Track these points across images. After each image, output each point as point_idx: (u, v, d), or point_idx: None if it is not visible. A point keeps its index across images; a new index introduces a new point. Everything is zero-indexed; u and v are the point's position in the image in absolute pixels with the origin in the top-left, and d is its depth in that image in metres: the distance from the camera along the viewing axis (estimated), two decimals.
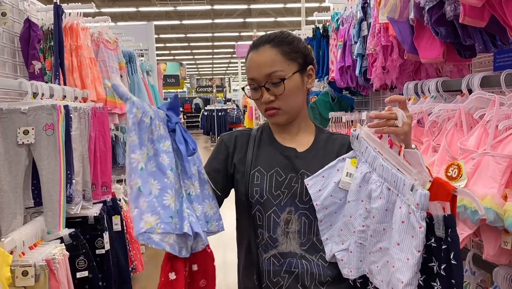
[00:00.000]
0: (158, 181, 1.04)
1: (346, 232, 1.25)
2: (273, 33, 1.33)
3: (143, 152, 1.01)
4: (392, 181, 1.11)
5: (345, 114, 3.26)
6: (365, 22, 2.57)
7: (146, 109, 1.03)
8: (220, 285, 4.06)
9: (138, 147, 0.99)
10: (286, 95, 1.29)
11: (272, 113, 1.31)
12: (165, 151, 1.06)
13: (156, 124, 1.05)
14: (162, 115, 1.10)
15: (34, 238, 2.03)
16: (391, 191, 1.11)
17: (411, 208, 1.05)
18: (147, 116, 1.02)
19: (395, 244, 1.08)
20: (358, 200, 1.22)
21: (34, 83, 2.25)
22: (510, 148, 1.33)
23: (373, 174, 1.18)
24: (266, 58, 1.28)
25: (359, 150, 1.25)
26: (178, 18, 17.77)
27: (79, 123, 2.48)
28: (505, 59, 1.79)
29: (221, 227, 1.27)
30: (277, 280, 1.30)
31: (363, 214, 1.20)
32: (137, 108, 1.00)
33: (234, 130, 1.45)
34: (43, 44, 2.82)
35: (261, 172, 1.32)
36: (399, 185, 1.09)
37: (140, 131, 1.00)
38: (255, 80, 1.30)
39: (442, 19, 1.57)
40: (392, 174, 1.11)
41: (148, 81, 5.19)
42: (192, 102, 22.10)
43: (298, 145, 1.36)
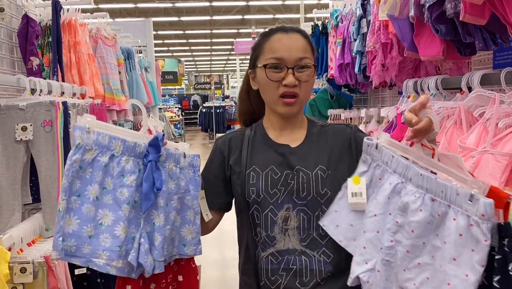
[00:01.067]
0: (113, 213, 1.14)
1: (371, 249, 1.14)
2: (296, 26, 1.37)
3: (93, 188, 1.12)
4: (438, 191, 1.00)
5: (344, 112, 3.26)
6: (364, 19, 2.56)
7: (112, 147, 1.13)
8: (219, 280, 4.07)
9: (89, 182, 1.12)
10: (309, 84, 1.31)
11: (291, 102, 1.29)
12: (128, 185, 1.15)
13: (121, 160, 1.14)
14: (141, 150, 1.17)
15: (33, 234, 2.02)
16: (436, 202, 1.00)
17: (473, 219, 0.93)
18: (105, 155, 1.13)
19: (450, 259, 0.96)
20: (385, 213, 1.11)
21: (32, 79, 2.23)
22: (510, 146, 1.33)
23: (407, 185, 1.07)
24: (299, 43, 1.30)
25: (381, 159, 1.15)
26: (177, 14, 17.72)
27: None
28: (504, 57, 1.79)
29: (199, 251, 1.33)
30: (275, 278, 1.30)
31: (392, 228, 1.09)
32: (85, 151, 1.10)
33: (228, 132, 1.46)
34: (41, 40, 2.80)
35: (256, 171, 1.32)
36: (450, 195, 0.98)
37: (93, 169, 1.12)
38: (282, 61, 1.28)
39: (442, 17, 1.56)
40: (437, 183, 1.01)
41: (147, 78, 5.18)
42: (190, 99, 22.08)
43: (291, 140, 1.36)
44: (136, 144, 1.17)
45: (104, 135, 1.13)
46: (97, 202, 1.13)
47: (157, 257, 1.21)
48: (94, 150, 1.11)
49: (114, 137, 1.14)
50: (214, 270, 4.33)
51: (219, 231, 1.47)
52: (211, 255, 4.55)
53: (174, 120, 12.36)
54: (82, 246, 1.12)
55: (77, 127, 1.10)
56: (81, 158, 1.10)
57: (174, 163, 1.26)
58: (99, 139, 1.12)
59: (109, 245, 1.12)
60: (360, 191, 1.17)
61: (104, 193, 1.14)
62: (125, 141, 1.16)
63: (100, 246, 1.12)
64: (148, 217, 1.21)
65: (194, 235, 1.31)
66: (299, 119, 1.39)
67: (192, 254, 1.33)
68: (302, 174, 1.29)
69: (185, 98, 22.28)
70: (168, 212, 1.24)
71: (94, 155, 1.12)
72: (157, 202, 1.21)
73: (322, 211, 1.28)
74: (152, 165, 1.17)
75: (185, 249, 1.31)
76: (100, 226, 1.13)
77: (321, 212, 1.28)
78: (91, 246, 1.12)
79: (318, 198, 1.28)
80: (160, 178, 1.18)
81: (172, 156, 1.25)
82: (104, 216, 1.13)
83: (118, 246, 1.13)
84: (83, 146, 1.10)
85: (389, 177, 1.12)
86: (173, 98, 21.08)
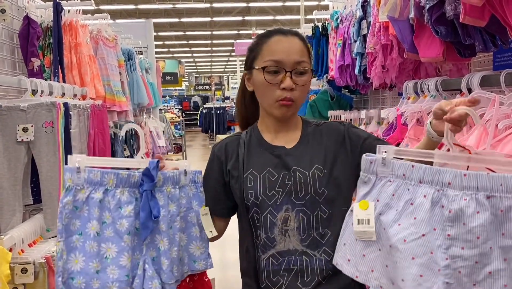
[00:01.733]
0: (116, 244, 1.17)
1: (429, 275, 0.96)
2: (292, 29, 1.37)
3: (92, 224, 1.15)
4: (496, 185, 0.89)
5: (344, 113, 3.27)
6: (364, 20, 2.57)
7: (104, 182, 1.16)
8: (220, 282, 4.07)
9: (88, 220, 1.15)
10: (305, 88, 1.32)
11: (288, 104, 1.30)
12: (126, 216, 1.18)
13: (115, 193, 1.17)
14: (135, 179, 1.20)
15: (33, 235, 2.03)
16: (495, 198, 0.89)
17: None
18: (99, 191, 1.15)
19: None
20: (431, 230, 0.96)
21: (33, 80, 2.24)
22: (510, 147, 1.33)
23: (447, 191, 0.94)
24: (297, 47, 1.31)
25: (393, 174, 1.01)
26: (177, 16, 17.74)
27: (78, 120, 2.47)
28: (504, 59, 1.80)
29: (209, 264, 1.36)
30: (277, 280, 1.30)
31: (444, 244, 0.93)
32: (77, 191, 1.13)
33: (223, 139, 1.47)
34: (42, 41, 2.81)
35: (253, 174, 1.32)
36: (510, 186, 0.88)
37: (89, 206, 1.15)
38: (281, 64, 1.28)
39: (442, 18, 1.57)
40: (491, 178, 0.90)
41: (147, 79, 5.18)
42: (191, 100, 22.10)
43: (287, 142, 1.36)
44: (130, 175, 1.20)
45: (96, 172, 1.16)
46: (99, 237, 1.16)
47: (167, 280, 1.23)
48: (86, 188, 1.14)
49: (106, 172, 1.17)
50: (215, 271, 4.33)
51: None
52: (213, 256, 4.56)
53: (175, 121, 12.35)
54: (91, 282, 1.15)
55: (66, 169, 1.13)
56: (73, 198, 1.13)
57: (173, 185, 1.28)
58: (91, 176, 1.15)
59: (117, 276, 1.16)
60: (368, 217, 1.02)
61: (104, 227, 1.17)
62: (118, 174, 1.18)
63: (109, 278, 1.16)
64: (152, 243, 1.23)
65: (203, 250, 1.34)
66: (294, 120, 1.39)
67: (203, 269, 1.35)
68: (299, 174, 1.29)
69: (185, 99, 22.29)
70: (173, 234, 1.26)
71: (87, 193, 1.15)
72: (159, 227, 1.23)
73: (321, 210, 1.29)
74: (147, 194, 1.19)
75: (195, 265, 1.34)
76: (105, 259, 1.17)
77: (320, 211, 1.29)
78: (100, 281, 1.15)
79: (316, 197, 1.28)
80: (157, 205, 1.20)
81: (169, 178, 1.27)
82: (108, 249, 1.17)
83: (126, 275, 1.17)
84: (73, 188, 1.13)
85: (416, 189, 0.98)
86: (173, 99, 21.10)
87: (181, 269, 1.30)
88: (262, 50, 1.32)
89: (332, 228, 1.30)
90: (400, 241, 0.98)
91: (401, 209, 0.99)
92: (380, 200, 1.02)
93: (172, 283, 1.25)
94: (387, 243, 1.01)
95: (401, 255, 0.98)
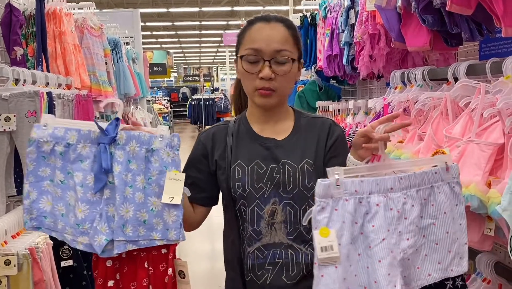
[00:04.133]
0: (74, 194, 1.29)
1: (394, 271, 1.08)
2: (280, 15, 1.32)
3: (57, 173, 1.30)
4: (421, 180, 1.13)
5: (332, 104, 3.27)
6: (352, 10, 2.56)
7: (67, 137, 1.28)
8: (208, 273, 4.07)
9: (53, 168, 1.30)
10: (286, 78, 1.27)
11: (266, 93, 1.26)
12: (83, 169, 1.28)
13: (76, 148, 1.29)
14: (95, 135, 1.29)
15: (17, 226, 1.99)
16: (421, 190, 1.13)
17: (453, 182, 1.15)
18: (61, 144, 1.28)
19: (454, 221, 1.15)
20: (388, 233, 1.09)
21: (15, 69, 2.19)
22: (495, 135, 1.34)
23: (392, 195, 1.10)
24: (279, 34, 1.26)
25: (347, 192, 1.08)
26: (165, 5, 17.55)
27: (62, 110, 2.43)
28: (490, 48, 1.80)
29: (182, 236, 1.31)
30: (262, 273, 1.29)
31: (397, 241, 1.09)
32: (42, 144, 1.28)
33: (211, 126, 1.43)
34: (25, 29, 2.75)
35: (241, 166, 1.30)
36: (429, 177, 1.14)
37: (55, 157, 1.29)
38: (259, 52, 1.24)
39: (429, 7, 1.56)
40: (417, 176, 1.13)
41: (134, 69, 5.13)
42: (179, 92, 21.94)
43: (277, 133, 1.34)
44: (90, 131, 1.29)
45: (60, 128, 1.29)
46: (63, 185, 1.30)
47: (115, 237, 1.27)
48: (50, 141, 1.28)
49: (69, 129, 1.29)
50: (203, 262, 4.33)
51: (208, 223, 1.45)
52: (200, 247, 4.55)
53: (163, 112, 12.30)
54: (57, 222, 1.30)
55: (34, 126, 1.29)
56: (38, 150, 1.28)
57: (138, 144, 1.28)
58: (55, 132, 1.28)
59: (72, 223, 1.29)
60: (330, 244, 1.04)
61: (68, 177, 1.30)
62: (80, 130, 1.29)
63: (68, 223, 1.29)
64: (112, 199, 1.29)
65: (174, 218, 1.29)
66: (283, 110, 1.36)
67: (174, 239, 1.29)
68: (288, 167, 1.28)
69: (174, 91, 22.13)
70: (132, 193, 1.28)
71: (51, 146, 1.28)
72: (114, 184, 1.27)
73: (309, 204, 1.27)
74: (100, 147, 1.27)
75: (167, 233, 1.30)
76: (69, 205, 1.30)
77: (307, 206, 1.27)
78: (63, 222, 1.30)
79: (305, 192, 1.27)
80: (107, 159, 1.27)
81: (134, 137, 1.29)
82: (71, 197, 1.29)
83: (77, 224, 1.27)
84: (36, 140, 1.28)
85: (369, 200, 1.08)
86: (162, 90, 20.95)
87: (145, 233, 1.28)
88: (244, 38, 1.29)
89: None
90: (367, 248, 1.09)
91: (361, 221, 1.09)
92: (346, 221, 1.07)
93: (121, 241, 1.26)
94: (356, 254, 1.09)
95: (370, 260, 1.09)
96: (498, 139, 1.32)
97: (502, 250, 1.69)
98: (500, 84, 1.40)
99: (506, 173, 1.27)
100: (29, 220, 1.31)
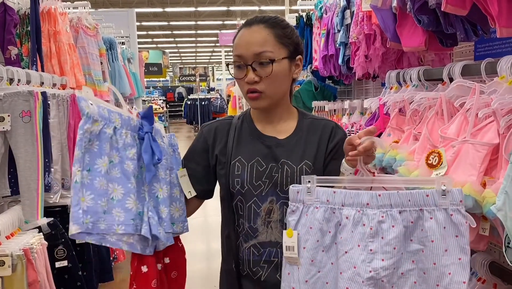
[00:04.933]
0: (122, 186, 1.12)
1: (354, 287, 1.08)
2: (268, 15, 1.32)
3: (103, 160, 1.09)
4: (405, 201, 1.06)
5: (328, 104, 3.27)
6: (348, 10, 2.56)
7: (112, 119, 1.11)
8: (205, 272, 4.06)
9: (98, 155, 1.08)
10: (271, 79, 1.26)
11: (254, 96, 1.27)
12: (131, 158, 1.15)
13: (122, 133, 1.13)
14: (134, 123, 1.17)
15: (11, 227, 1.98)
16: (406, 212, 1.06)
17: (451, 209, 1.04)
18: (110, 127, 1.10)
19: (443, 252, 1.05)
20: (354, 247, 1.09)
21: (10, 68, 2.18)
22: (490, 135, 1.34)
23: (366, 211, 1.08)
24: (258, 37, 1.26)
25: (318, 200, 1.12)
26: (161, 5, 17.50)
27: (57, 110, 2.42)
28: (485, 48, 1.81)
29: (186, 228, 1.33)
30: (257, 270, 1.30)
31: (367, 258, 1.07)
32: (93, 122, 1.06)
33: (215, 120, 1.44)
34: (19, 29, 2.73)
35: (241, 162, 1.31)
36: (418, 200, 1.06)
37: (100, 141, 1.08)
38: (241, 58, 1.26)
39: (424, 7, 1.57)
40: (401, 195, 1.07)
41: (130, 69, 5.12)
42: (175, 91, 21.90)
43: (279, 132, 1.34)
44: (129, 118, 1.17)
45: (103, 108, 1.10)
46: (108, 175, 1.10)
47: (167, 229, 1.23)
48: (99, 121, 1.08)
49: (112, 111, 1.12)
50: (200, 261, 4.32)
51: (204, 223, 1.46)
52: (196, 246, 4.54)
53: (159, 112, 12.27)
54: (98, 222, 1.08)
55: (81, 98, 1.06)
56: (90, 128, 1.06)
57: (161, 140, 1.28)
58: (101, 111, 1.09)
59: (123, 219, 1.11)
60: (292, 245, 1.12)
61: (111, 167, 1.11)
62: (121, 115, 1.14)
63: (114, 221, 1.10)
64: (151, 191, 1.20)
65: (181, 212, 1.32)
66: (284, 110, 1.37)
67: (180, 232, 1.33)
68: (287, 167, 1.28)
69: (169, 90, 22.09)
70: (169, 182, 1.26)
71: (100, 127, 1.08)
72: (158, 174, 1.22)
73: None
74: (149, 136, 1.17)
75: (174, 227, 1.32)
76: (111, 200, 1.11)
77: None
78: (106, 221, 1.09)
79: None
80: (159, 148, 1.18)
81: (158, 131, 1.27)
82: (114, 190, 1.11)
83: (132, 219, 1.13)
84: (91, 116, 1.06)
85: (342, 212, 1.10)
86: (157, 90, 20.90)
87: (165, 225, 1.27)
88: (233, 45, 1.32)
89: None
90: (334, 258, 1.12)
91: (334, 231, 1.12)
92: (313, 227, 1.12)
93: (170, 233, 1.25)
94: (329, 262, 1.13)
95: (336, 270, 1.11)
96: (493, 140, 1.32)
97: (497, 250, 1.70)
98: (495, 84, 1.40)
99: (501, 173, 1.27)
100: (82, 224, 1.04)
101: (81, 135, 1.05)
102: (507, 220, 1.14)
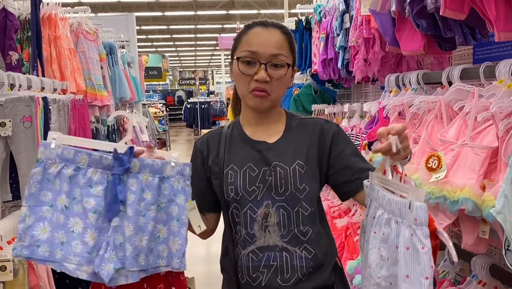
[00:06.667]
0: (82, 220, 1.21)
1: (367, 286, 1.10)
2: (278, 22, 1.35)
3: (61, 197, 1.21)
4: (396, 209, 0.97)
5: (327, 107, 3.28)
6: (347, 14, 2.57)
7: (77, 160, 1.21)
8: (205, 276, 4.06)
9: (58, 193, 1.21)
10: (281, 82, 1.28)
11: (262, 95, 1.27)
12: (95, 195, 1.22)
13: (86, 172, 1.22)
14: (108, 162, 1.23)
15: (13, 232, 1.99)
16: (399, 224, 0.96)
17: (412, 227, 0.90)
18: (70, 167, 1.21)
19: (404, 277, 0.92)
20: (375, 247, 1.07)
21: (10, 74, 2.19)
22: (489, 139, 1.35)
23: (384, 215, 1.04)
24: (276, 39, 1.28)
25: (375, 197, 1.10)
26: (160, 9, 17.54)
27: (58, 115, 2.43)
28: (484, 52, 1.82)
29: (183, 266, 1.30)
30: (257, 275, 1.29)
31: (379, 263, 1.05)
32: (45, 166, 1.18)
33: (206, 133, 1.45)
34: (20, 34, 2.75)
35: (234, 170, 1.31)
36: (402, 210, 0.94)
37: (61, 180, 1.20)
38: (256, 55, 1.26)
39: (423, 12, 1.58)
40: (395, 202, 0.97)
41: (130, 73, 5.13)
42: (175, 95, 21.92)
43: (269, 136, 1.34)
44: (102, 157, 1.23)
45: (69, 150, 1.21)
46: (67, 211, 1.21)
47: (129, 267, 1.22)
48: (58, 163, 1.20)
49: (80, 151, 1.21)
50: (200, 266, 4.32)
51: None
52: (196, 251, 4.54)
53: (158, 116, 12.25)
54: (54, 252, 1.20)
55: (42, 144, 1.20)
56: (44, 171, 1.19)
57: (151, 174, 1.25)
58: (64, 153, 1.20)
59: (79, 251, 1.20)
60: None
61: (74, 203, 1.22)
62: (91, 154, 1.22)
63: (71, 251, 1.20)
64: (121, 227, 1.23)
65: (178, 247, 1.28)
66: (276, 113, 1.37)
67: (176, 267, 1.28)
68: (280, 170, 1.28)
69: (169, 94, 22.11)
70: (145, 222, 1.24)
71: (59, 168, 1.20)
72: (126, 213, 1.22)
73: (302, 206, 1.28)
74: (115, 178, 1.22)
75: (172, 261, 1.29)
76: (72, 233, 1.21)
77: (300, 208, 1.28)
78: (63, 252, 1.20)
79: (297, 193, 1.28)
80: (123, 190, 1.22)
81: (147, 166, 1.25)
82: (75, 224, 1.21)
83: (88, 252, 1.20)
84: (44, 161, 1.19)
85: (377, 211, 1.08)
86: (157, 94, 20.90)
87: (153, 261, 1.26)
88: (241, 40, 1.31)
89: (314, 226, 1.30)
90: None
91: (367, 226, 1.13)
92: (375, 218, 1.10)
93: (134, 271, 1.23)
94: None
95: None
96: (492, 143, 1.33)
97: (497, 253, 1.70)
98: (494, 88, 1.41)
99: (500, 176, 1.28)
100: (19, 248, 1.18)
101: (30, 177, 1.19)
102: (506, 223, 1.15)
